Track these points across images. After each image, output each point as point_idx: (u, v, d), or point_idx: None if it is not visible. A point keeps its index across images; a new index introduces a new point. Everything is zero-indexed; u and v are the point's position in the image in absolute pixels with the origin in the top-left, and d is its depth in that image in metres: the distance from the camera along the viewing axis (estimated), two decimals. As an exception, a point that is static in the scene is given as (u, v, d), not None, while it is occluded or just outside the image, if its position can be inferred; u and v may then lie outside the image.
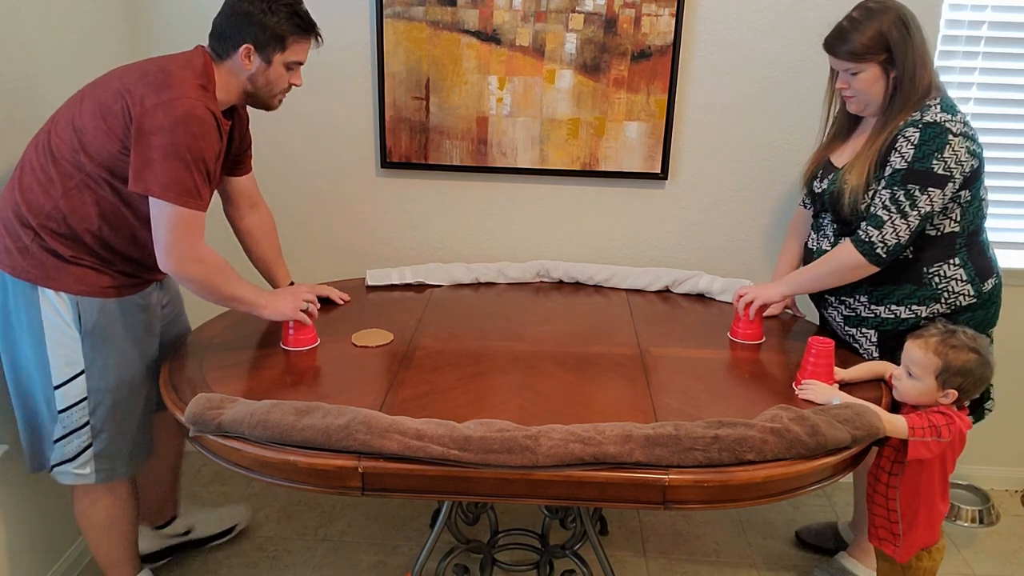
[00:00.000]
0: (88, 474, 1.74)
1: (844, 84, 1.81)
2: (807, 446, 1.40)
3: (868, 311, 1.88)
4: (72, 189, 1.60)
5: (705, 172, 2.41)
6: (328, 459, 1.38)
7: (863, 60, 1.74)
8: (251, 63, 1.68)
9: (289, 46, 1.69)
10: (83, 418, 1.70)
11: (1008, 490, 2.65)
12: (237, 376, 1.69)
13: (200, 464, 2.65)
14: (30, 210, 1.60)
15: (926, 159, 1.69)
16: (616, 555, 2.26)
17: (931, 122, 1.70)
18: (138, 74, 1.60)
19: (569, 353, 1.85)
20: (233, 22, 1.66)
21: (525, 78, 2.32)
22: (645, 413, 1.56)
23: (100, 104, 1.59)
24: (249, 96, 1.75)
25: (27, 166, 1.63)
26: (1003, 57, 2.32)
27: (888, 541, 1.71)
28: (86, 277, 1.65)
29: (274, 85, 1.74)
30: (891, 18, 1.72)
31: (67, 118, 1.62)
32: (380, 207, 2.50)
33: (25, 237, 1.61)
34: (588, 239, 2.50)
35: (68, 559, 2.11)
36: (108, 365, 1.70)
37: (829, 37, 1.79)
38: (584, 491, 1.40)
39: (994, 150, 2.40)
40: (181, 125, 1.54)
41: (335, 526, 2.37)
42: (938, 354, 1.55)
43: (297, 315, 1.79)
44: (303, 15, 1.70)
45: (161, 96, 1.55)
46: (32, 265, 1.61)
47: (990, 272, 1.84)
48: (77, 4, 2.06)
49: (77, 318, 1.65)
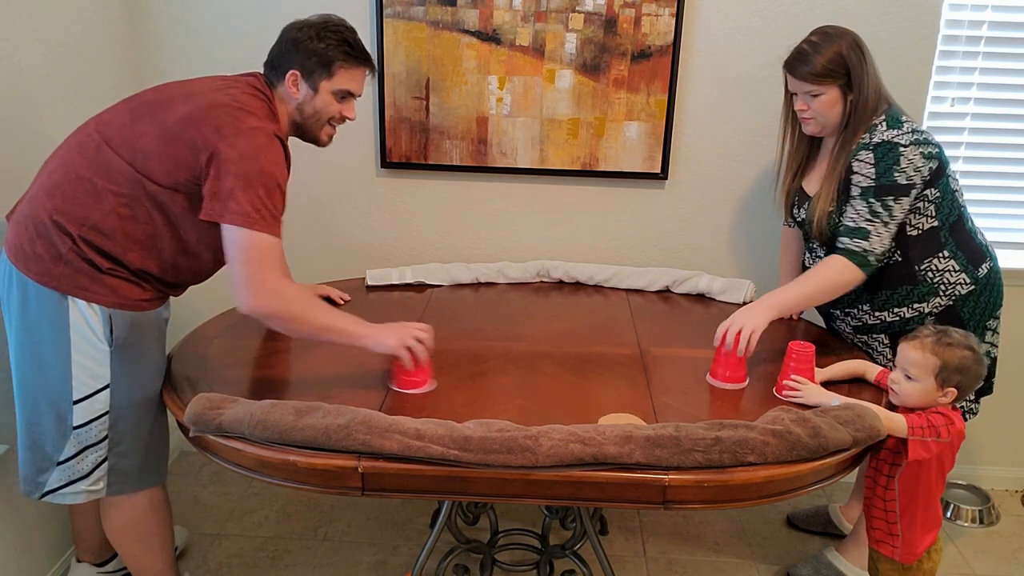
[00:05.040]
0: (100, 489, 1.70)
1: (803, 106, 1.85)
2: (809, 448, 1.40)
3: (874, 318, 1.91)
4: (124, 207, 1.56)
5: (705, 172, 2.41)
6: (328, 459, 1.38)
7: (823, 82, 1.79)
8: (298, 91, 1.67)
9: (336, 72, 1.67)
10: (102, 432, 1.65)
11: (1008, 490, 2.65)
12: (237, 376, 1.69)
13: (200, 464, 2.65)
14: (71, 219, 1.55)
15: (888, 173, 1.75)
16: (616, 555, 2.26)
17: (880, 142, 1.77)
18: (207, 102, 1.57)
19: (569, 353, 1.85)
20: (283, 49, 1.67)
21: (525, 78, 2.31)
22: (645, 413, 1.56)
23: (166, 131, 1.56)
24: (297, 127, 1.73)
25: (70, 174, 1.57)
26: (1003, 57, 2.32)
27: (886, 543, 1.71)
28: (120, 289, 1.60)
29: (322, 115, 1.71)
30: (848, 42, 1.79)
31: (125, 138, 1.57)
32: (380, 207, 2.50)
33: (62, 245, 1.55)
34: (588, 239, 2.50)
35: (68, 559, 2.11)
36: (134, 380, 1.65)
37: (790, 59, 1.84)
38: (584, 491, 1.40)
39: (994, 150, 2.41)
40: (261, 154, 1.53)
41: (335, 526, 2.37)
42: (935, 353, 1.55)
43: (399, 351, 1.61)
44: (352, 43, 1.68)
45: (240, 126, 1.54)
46: (66, 274, 1.56)
47: (982, 257, 1.87)
48: (75, 6, 2.06)
49: (108, 331, 1.59)
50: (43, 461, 1.66)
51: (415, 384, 1.64)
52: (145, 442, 1.72)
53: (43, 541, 2.04)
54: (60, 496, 1.68)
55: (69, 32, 2.04)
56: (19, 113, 1.85)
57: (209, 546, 2.26)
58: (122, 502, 1.75)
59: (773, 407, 1.54)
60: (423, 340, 1.62)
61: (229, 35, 2.33)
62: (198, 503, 2.45)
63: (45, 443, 1.65)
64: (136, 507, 1.76)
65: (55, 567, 2.08)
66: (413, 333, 1.63)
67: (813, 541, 2.35)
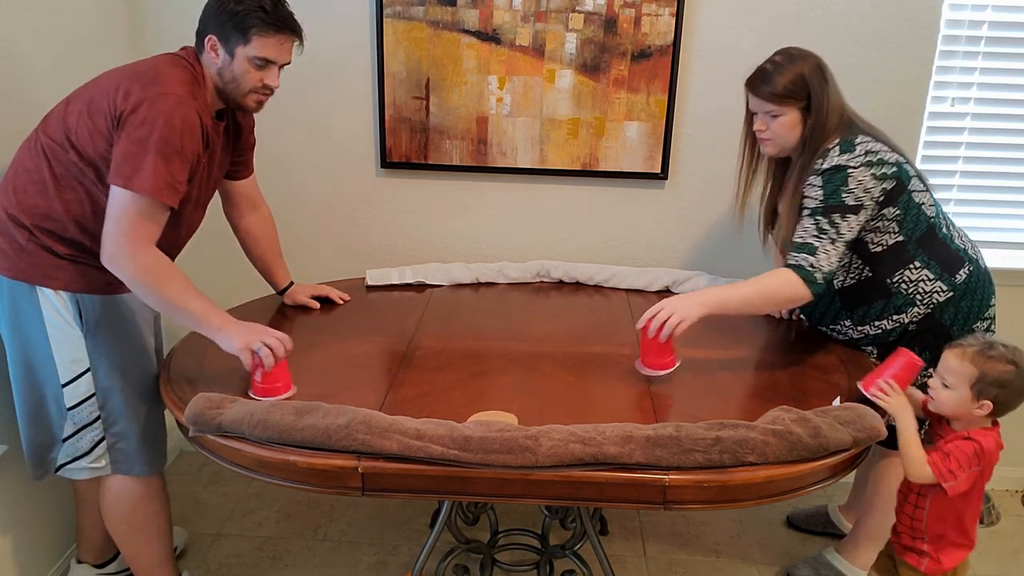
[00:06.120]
0: (104, 466, 1.74)
1: (762, 126, 1.83)
2: (809, 448, 1.40)
3: (858, 332, 1.93)
4: (65, 188, 1.59)
5: (705, 172, 2.41)
6: (328, 459, 1.38)
7: (784, 103, 1.77)
8: (217, 56, 1.64)
9: (252, 39, 1.61)
10: (93, 413, 1.70)
11: (1008, 490, 2.65)
12: (237, 376, 1.69)
13: (200, 464, 2.65)
14: (24, 210, 1.60)
15: (835, 194, 1.74)
16: (616, 555, 2.26)
17: (828, 168, 1.75)
18: (127, 72, 1.59)
19: (569, 353, 1.85)
20: (205, 13, 1.65)
21: (525, 78, 2.31)
22: (645, 413, 1.56)
23: (88, 103, 1.58)
24: (220, 93, 1.69)
25: (20, 168, 1.62)
26: (1003, 57, 2.32)
27: (912, 551, 1.68)
28: (86, 274, 1.63)
29: (241, 82, 1.65)
30: (811, 64, 1.78)
31: (58, 119, 1.61)
32: (380, 207, 2.49)
33: (20, 237, 1.60)
34: (588, 239, 2.50)
35: (68, 559, 2.11)
36: (115, 362, 1.69)
37: (752, 77, 1.82)
38: (584, 491, 1.40)
39: (994, 150, 2.41)
40: (163, 119, 1.51)
41: (335, 526, 2.37)
42: (974, 364, 1.53)
43: (241, 354, 1.57)
44: (270, 9, 1.61)
45: (148, 91, 1.53)
46: (29, 264, 1.60)
47: (959, 262, 1.84)
48: (75, 6, 2.06)
49: (78, 316, 1.64)
50: (50, 438, 1.72)
51: (262, 391, 1.57)
52: (142, 421, 1.75)
53: (43, 541, 2.04)
54: (68, 471, 1.74)
55: (69, 32, 2.04)
56: (19, 113, 1.85)
57: (209, 546, 2.26)
58: (120, 487, 1.78)
59: (772, 407, 1.54)
60: (272, 347, 1.56)
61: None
62: (198, 503, 2.45)
63: (50, 423, 1.71)
64: (134, 494, 1.79)
65: (55, 567, 2.08)
66: (262, 337, 1.57)
67: (813, 541, 2.35)
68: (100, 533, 1.97)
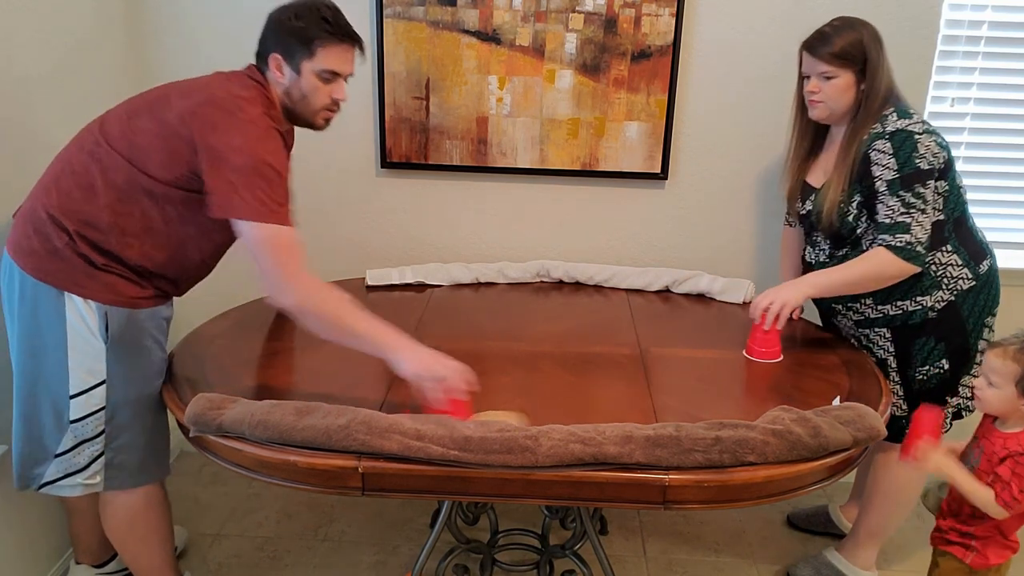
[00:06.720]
0: (98, 483, 1.70)
1: (816, 88, 1.84)
2: (809, 448, 1.40)
3: (876, 312, 1.91)
4: (119, 203, 1.56)
5: (705, 172, 2.41)
6: (328, 459, 1.38)
7: (841, 65, 1.80)
8: (283, 75, 1.64)
9: (316, 52, 1.61)
10: (98, 427, 1.66)
11: None
12: (237, 376, 1.69)
13: (200, 465, 2.65)
14: (66, 213, 1.56)
15: (910, 162, 1.75)
16: (616, 555, 2.26)
17: (894, 131, 1.77)
18: (204, 98, 1.56)
19: (569, 353, 1.85)
20: (265, 33, 1.64)
21: (525, 78, 2.31)
22: (645, 413, 1.56)
23: (163, 125, 1.55)
24: (289, 113, 1.69)
25: (68, 169, 1.58)
26: (1003, 57, 2.32)
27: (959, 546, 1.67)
28: (116, 286, 1.60)
29: (311, 99, 1.65)
30: (869, 32, 1.81)
31: (122, 132, 1.57)
32: (380, 207, 2.49)
33: (57, 240, 1.56)
34: (588, 239, 2.50)
35: (68, 559, 2.11)
36: (131, 377, 1.65)
37: (810, 39, 1.84)
38: (584, 491, 1.40)
39: (994, 150, 2.41)
40: (258, 145, 1.51)
41: (335, 526, 2.37)
42: (1017, 361, 1.54)
43: (418, 382, 1.50)
44: (332, 19, 1.62)
45: (233, 119, 1.52)
46: (60, 269, 1.56)
47: (983, 254, 1.88)
48: (74, 7, 2.06)
49: (104, 327, 1.60)
50: (40, 453, 1.67)
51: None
52: (144, 438, 1.72)
53: (43, 541, 2.04)
54: (57, 488, 1.69)
55: (69, 32, 2.04)
56: (19, 114, 1.85)
57: (209, 546, 2.26)
58: (120, 499, 1.75)
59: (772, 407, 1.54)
60: (448, 380, 1.49)
61: (230, 36, 2.33)
62: (198, 503, 2.45)
63: (43, 435, 1.66)
64: (134, 504, 1.76)
65: (55, 567, 2.08)
66: (438, 371, 1.49)
67: (813, 541, 2.35)
68: (95, 537, 1.96)
